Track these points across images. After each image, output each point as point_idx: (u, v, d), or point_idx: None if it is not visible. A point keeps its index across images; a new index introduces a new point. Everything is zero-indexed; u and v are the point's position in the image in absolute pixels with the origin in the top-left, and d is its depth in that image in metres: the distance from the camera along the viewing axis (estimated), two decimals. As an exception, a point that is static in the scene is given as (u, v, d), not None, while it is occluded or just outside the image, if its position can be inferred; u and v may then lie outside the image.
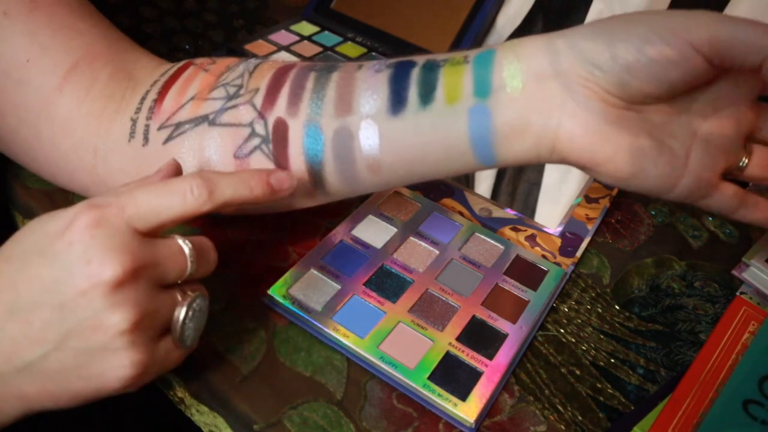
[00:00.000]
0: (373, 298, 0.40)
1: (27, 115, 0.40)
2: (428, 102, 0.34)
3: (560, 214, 0.48)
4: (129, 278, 0.29)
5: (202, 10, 0.69)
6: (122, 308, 0.29)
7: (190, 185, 0.31)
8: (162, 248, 0.31)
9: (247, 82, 0.39)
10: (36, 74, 0.39)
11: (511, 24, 0.60)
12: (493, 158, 0.35)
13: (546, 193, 0.50)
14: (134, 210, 0.30)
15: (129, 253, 0.29)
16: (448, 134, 0.34)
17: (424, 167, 0.36)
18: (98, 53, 0.40)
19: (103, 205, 0.30)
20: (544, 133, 0.33)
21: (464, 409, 0.35)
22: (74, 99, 0.39)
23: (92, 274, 0.28)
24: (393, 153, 0.36)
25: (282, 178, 0.35)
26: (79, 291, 0.29)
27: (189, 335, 0.33)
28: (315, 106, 0.36)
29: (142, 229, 0.30)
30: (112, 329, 0.29)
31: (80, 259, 0.29)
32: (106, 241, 0.29)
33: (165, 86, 0.40)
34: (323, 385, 0.37)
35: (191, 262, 0.32)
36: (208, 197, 0.32)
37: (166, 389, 0.38)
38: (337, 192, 0.38)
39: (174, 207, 0.31)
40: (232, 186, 0.33)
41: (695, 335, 0.42)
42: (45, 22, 0.39)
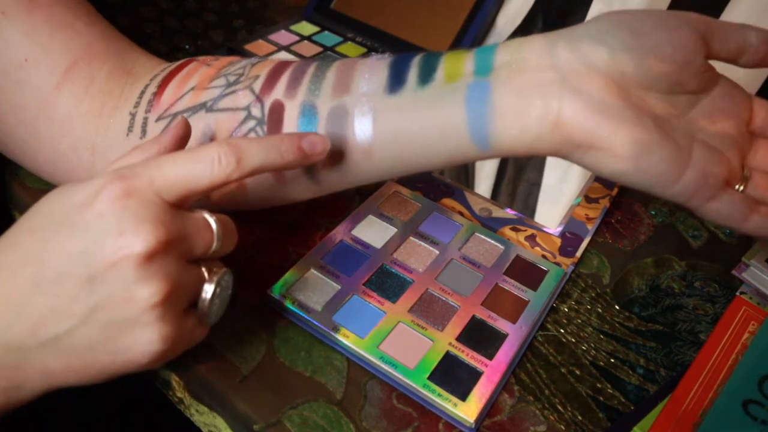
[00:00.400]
0: (373, 298, 0.40)
1: (25, 115, 0.39)
2: (427, 81, 0.34)
3: (560, 214, 0.48)
4: (161, 250, 0.29)
5: (202, 10, 0.69)
6: (153, 281, 0.28)
7: (217, 153, 0.30)
8: (191, 222, 0.31)
9: (248, 71, 0.38)
10: (34, 74, 0.39)
11: (511, 24, 0.60)
12: (488, 138, 0.33)
13: (546, 193, 0.50)
14: (163, 181, 0.30)
15: (161, 225, 0.29)
16: (444, 110, 0.33)
17: (416, 149, 0.34)
18: (97, 52, 0.40)
19: (131, 176, 0.29)
20: (546, 108, 0.31)
21: (464, 409, 0.35)
22: (73, 98, 0.39)
23: (124, 246, 0.28)
24: (385, 133, 0.34)
25: (315, 140, 0.33)
26: (110, 263, 0.28)
27: (215, 311, 0.33)
28: (313, 87, 0.36)
29: (170, 200, 0.30)
30: (142, 302, 0.28)
31: (112, 230, 0.28)
32: (139, 211, 0.28)
33: (165, 80, 0.40)
34: (323, 385, 0.37)
35: (217, 238, 0.32)
36: (237, 165, 0.31)
37: (166, 389, 0.38)
38: (327, 179, 0.37)
39: (202, 177, 0.30)
40: (262, 152, 0.32)
41: (695, 335, 0.42)
42: (43, 22, 0.39)
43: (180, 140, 0.34)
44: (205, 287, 0.32)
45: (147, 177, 0.29)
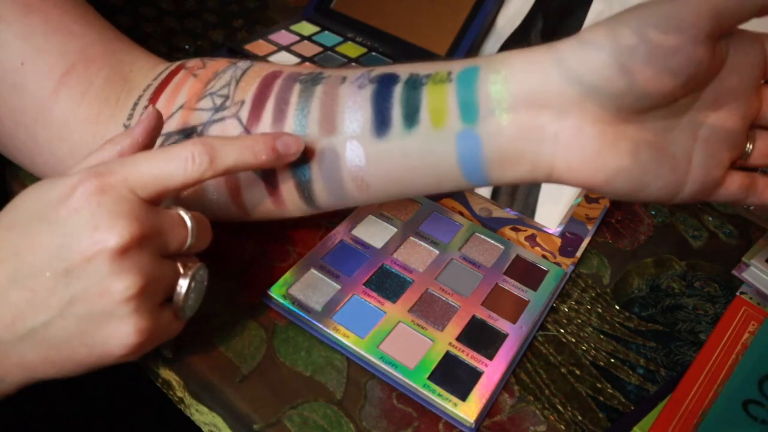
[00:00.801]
0: (373, 298, 0.40)
1: (23, 119, 0.39)
2: (413, 124, 0.33)
3: (560, 214, 0.48)
4: (135, 245, 0.29)
5: (202, 10, 0.69)
6: (128, 274, 0.29)
7: (191, 152, 0.31)
8: (165, 218, 0.31)
9: (233, 92, 0.38)
10: (31, 78, 0.39)
11: (511, 24, 0.60)
12: (486, 181, 0.34)
13: (546, 193, 0.50)
14: (137, 178, 0.30)
15: (135, 220, 0.29)
16: (437, 159, 0.33)
17: (414, 187, 0.36)
18: (94, 56, 0.40)
19: (106, 173, 0.30)
20: (539, 162, 0.32)
21: (464, 409, 0.35)
22: (70, 103, 0.39)
23: (99, 240, 0.28)
24: (380, 173, 0.35)
25: (288, 142, 0.34)
26: (85, 257, 0.28)
27: (190, 305, 0.33)
28: (299, 124, 0.36)
29: (144, 197, 0.30)
30: (117, 295, 0.29)
31: (87, 225, 0.29)
32: (113, 207, 0.29)
33: (156, 92, 0.40)
34: (323, 385, 0.37)
35: (192, 234, 0.32)
36: (210, 164, 0.31)
37: (166, 389, 0.38)
38: (327, 206, 0.38)
39: (176, 175, 0.31)
40: (236, 152, 0.32)
41: (695, 335, 0.42)
42: (39, 26, 0.39)
43: (152, 131, 0.34)
44: (180, 282, 0.32)
45: (122, 174, 0.30)
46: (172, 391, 0.38)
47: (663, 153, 0.32)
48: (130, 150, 0.33)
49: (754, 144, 0.34)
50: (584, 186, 0.33)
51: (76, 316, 0.29)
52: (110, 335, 0.30)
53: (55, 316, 0.29)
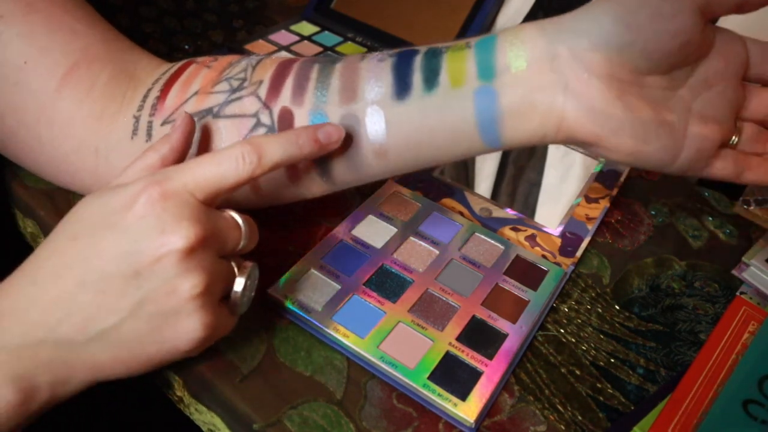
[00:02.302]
0: (373, 298, 0.40)
1: (26, 118, 0.39)
2: (433, 86, 0.35)
3: (560, 214, 0.48)
4: (199, 246, 0.31)
5: (202, 10, 0.69)
6: (194, 273, 0.31)
7: (240, 152, 0.33)
8: (222, 220, 0.33)
9: (250, 75, 0.39)
10: (34, 77, 0.39)
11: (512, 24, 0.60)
12: (499, 140, 0.35)
13: (546, 193, 0.50)
14: (194, 182, 0.32)
15: (198, 222, 0.31)
16: (455, 117, 0.35)
17: (430, 151, 0.36)
18: (97, 55, 0.40)
19: (166, 180, 0.32)
20: (550, 113, 0.33)
21: (464, 408, 0.35)
22: (74, 101, 0.39)
23: (166, 243, 0.30)
24: (399, 138, 0.36)
25: (330, 131, 0.35)
26: (154, 259, 0.30)
27: (245, 302, 0.35)
28: (320, 94, 0.37)
29: (201, 200, 0.32)
30: (185, 293, 0.31)
31: (154, 229, 0.30)
32: (177, 211, 0.31)
33: (167, 83, 0.40)
34: (323, 385, 0.37)
35: (245, 236, 0.34)
36: (259, 161, 0.33)
37: (166, 388, 0.38)
38: (343, 180, 0.39)
39: (229, 175, 0.32)
40: (282, 147, 0.34)
41: (695, 335, 0.42)
42: (42, 24, 0.39)
43: (187, 136, 0.36)
44: (237, 280, 0.34)
45: (180, 180, 0.32)
46: (172, 390, 0.38)
47: (662, 117, 0.34)
48: (170, 154, 0.35)
49: (740, 136, 0.36)
50: (590, 138, 0.34)
51: (147, 316, 0.31)
52: (179, 331, 0.32)
53: (125, 317, 0.31)
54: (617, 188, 0.50)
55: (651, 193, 0.52)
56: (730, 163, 0.36)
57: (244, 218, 0.34)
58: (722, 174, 0.36)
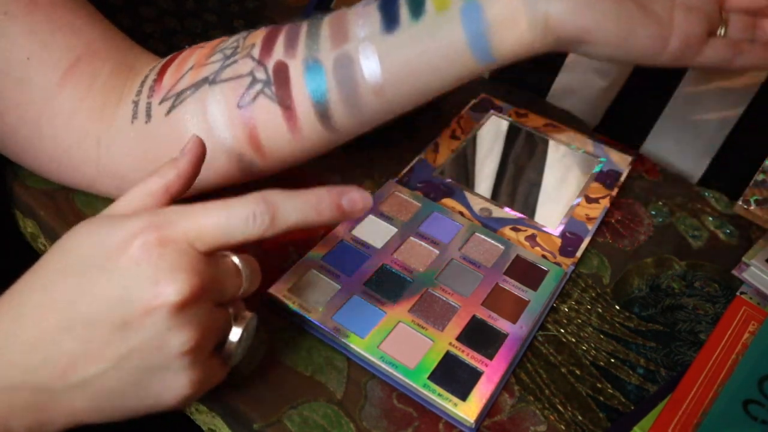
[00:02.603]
0: (373, 298, 0.40)
1: (28, 113, 0.40)
2: (420, 14, 0.36)
3: (560, 214, 0.48)
4: (194, 299, 0.29)
5: (202, 10, 0.69)
6: (186, 329, 0.29)
7: (253, 211, 0.30)
8: (222, 268, 0.31)
9: (242, 42, 0.40)
10: (37, 72, 0.39)
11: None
12: (490, 53, 0.36)
13: (546, 193, 0.50)
14: (196, 232, 0.29)
15: (195, 274, 0.29)
16: (444, 39, 0.36)
17: (425, 79, 0.37)
18: (98, 50, 0.41)
19: (166, 225, 0.29)
20: (535, 15, 0.35)
21: (464, 408, 0.35)
22: (76, 95, 0.40)
23: (160, 294, 0.28)
24: (394, 70, 0.37)
25: (355, 198, 0.32)
26: (145, 310, 0.28)
27: (239, 354, 0.33)
28: (311, 42, 0.38)
29: (202, 251, 0.30)
30: (175, 349, 0.29)
31: (148, 279, 0.28)
32: (174, 261, 0.28)
33: (163, 67, 0.41)
34: (323, 385, 0.37)
35: (246, 280, 0.32)
36: (271, 224, 0.30)
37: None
38: (344, 125, 0.39)
39: (236, 233, 0.30)
40: (298, 211, 0.31)
41: (695, 335, 0.42)
42: (45, 21, 0.39)
43: (196, 162, 0.34)
44: (234, 330, 0.32)
45: (182, 228, 0.29)
46: (172, 391, 0.38)
47: (646, 8, 0.35)
48: (177, 182, 0.33)
49: (727, 26, 0.37)
50: (578, 32, 0.35)
51: (132, 369, 0.29)
52: (164, 388, 0.30)
53: (109, 367, 0.29)
54: (617, 188, 0.50)
55: (651, 193, 0.52)
56: (721, 48, 0.36)
57: (245, 261, 0.32)
58: (714, 59, 0.37)
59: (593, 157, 0.53)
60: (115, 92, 0.40)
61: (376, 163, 0.51)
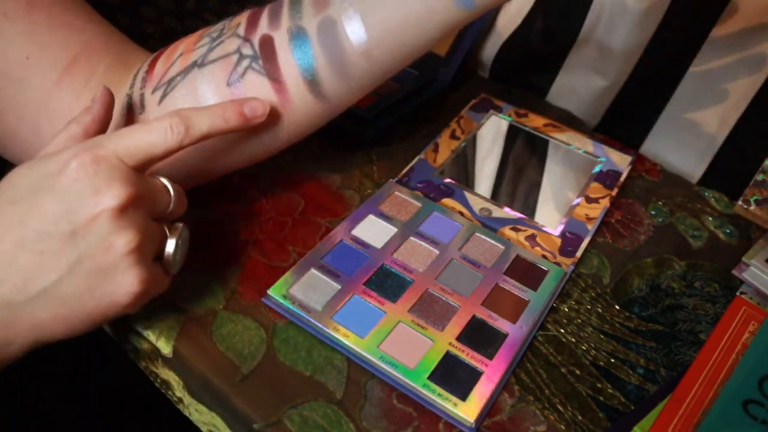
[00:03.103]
0: (373, 298, 0.40)
1: (26, 113, 0.40)
2: None
3: (560, 214, 0.48)
4: (131, 205, 0.32)
5: (202, 10, 0.69)
6: (128, 230, 0.32)
7: (168, 123, 0.34)
8: (152, 184, 0.35)
9: (228, 24, 0.40)
10: (35, 71, 0.39)
11: (512, 23, 0.60)
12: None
13: (546, 193, 0.50)
14: (124, 149, 0.33)
15: (130, 183, 0.33)
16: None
17: (410, 33, 0.37)
18: (95, 48, 0.41)
19: (96, 147, 0.33)
20: None
21: (464, 408, 0.35)
22: (73, 93, 0.40)
23: (100, 202, 0.32)
24: (377, 27, 0.36)
25: (255, 105, 0.37)
26: (89, 218, 0.32)
27: (177, 261, 0.37)
28: (294, 12, 0.38)
29: (132, 165, 0.34)
30: (120, 249, 0.32)
31: (88, 191, 0.32)
32: (108, 174, 0.32)
33: (154, 59, 0.42)
34: (323, 385, 0.37)
35: (174, 200, 0.36)
36: (186, 132, 0.35)
37: (165, 389, 0.38)
38: (334, 92, 0.39)
39: (158, 144, 0.34)
40: (208, 119, 0.36)
41: (695, 335, 0.42)
42: (43, 21, 0.40)
43: (107, 108, 0.37)
44: (169, 241, 0.36)
45: (110, 147, 0.33)
46: (171, 391, 0.38)
47: None
48: (92, 125, 0.36)
49: None
50: None
51: (85, 272, 0.32)
52: (116, 286, 0.33)
53: (64, 274, 0.32)
54: (617, 188, 0.50)
55: (651, 193, 0.52)
56: None
57: (173, 184, 0.36)
58: None
59: (593, 157, 0.53)
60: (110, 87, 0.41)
61: (376, 163, 0.51)
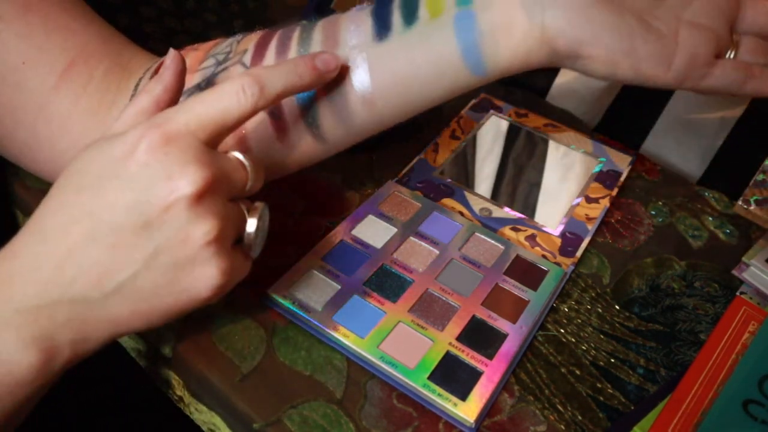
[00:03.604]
0: (373, 298, 0.40)
1: (24, 117, 0.40)
2: (412, 21, 0.35)
3: (560, 214, 0.48)
4: (208, 190, 0.30)
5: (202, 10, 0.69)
6: (206, 219, 0.30)
7: (241, 84, 0.31)
8: (227, 161, 0.32)
9: (235, 47, 0.39)
10: (32, 76, 0.39)
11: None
12: (484, 64, 0.35)
13: (546, 193, 0.50)
14: (196, 121, 0.31)
15: (205, 165, 0.30)
16: (437, 47, 0.34)
17: (417, 90, 0.36)
18: (93, 51, 0.40)
19: (165, 122, 0.30)
20: (531, 25, 0.33)
21: (464, 408, 0.35)
22: (71, 97, 0.39)
23: (174, 189, 0.29)
24: (384, 79, 0.36)
25: (326, 58, 0.35)
26: (163, 207, 0.29)
27: (259, 243, 0.35)
28: (302, 48, 0.37)
29: (204, 140, 0.31)
30: (199, 240, 0.30)
31: (160, 177, 0.29)
32: (181, 156, 0.30)
33: (156, 69, 0.40)
34: (323, 385, 0.37)
35: (251, 175, 0.33)
36: (261, 92, 0.32)
37: (165, 388, 0.38)
38: (333, 134, 0.38)
39: (231, 109, 0.31)
40: (283, 77, 0.33)
41: (695, 335, 0.42)
42: (39, 24, 0.39)
43: (179, 74, 0.35)
44: (249, 222, 0.33)
45: (181, 121, 0.30)
46: (172, 390, 0.38)
47: (648, 24, 0.33)
48: (164, 95, 0.34)
49: (737, 49, 0.35)
50: (574, 46, 0.33)
51: (162, 266, 0.30)
52: (196, 280, 0.31)
53: (140, 269, 0.30)
54: (617, 188, 0.50)
55: (651, 193, 0.52)
56: (730, 69, 0.34)
57: (248, 157, 0.33)
58: (723, 83, 0.34)
59: (593, 157, 0.53)
60: (109, 94, 0.40)
61: (376, 163, 0.51)
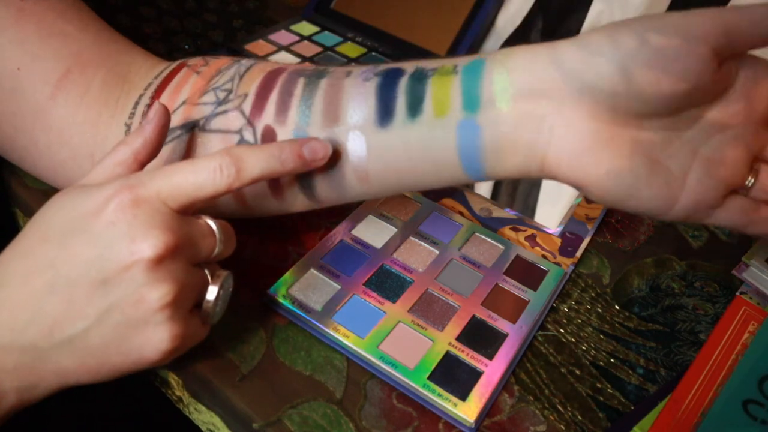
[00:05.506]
0: (373, 298, 0.40)
1: (23, 124, 0.39)
2: (416, 114, 0.33)
3: (560, 214, 0.48)
4: (169, 254, 0.30)
5: (202, 10, 0.69)
6: (163, 283, 0.30)
7: (219, 163, 0.32)
8: (196, 227, 0.32)
9: (237, 86, 0.38)
10: (27, 83, 0.38)
11: (512, 24, 0.60)
12: (483, 172, 0.34)
13: (546, 193, 0.50)
14: (168, 190, 0.31)
15: (169, 231, 0.30)
16: (437, 147, 0.34)
17: (412, 178, 0.35)
18: (90, 58, 0.40)
19: (138, 185, 0.31)
20: (533, 152, 0.32)
21: (464, 408, 0.35)
22: (68, 107, 0.39)
23: (136, 251, 0.30)
24: (381, 164, 0.35)
25: (315, 147, 0.34)
26: (123, 267, 0.30)
27: (218, 312, 0.35)
28: (303, 114, 0.36)
29: (175, 208, 0.31)
30: (153, 303, 0.30)
31: (124, 237, 0.30)
32: (148, 219, 0.30)
33: (158, 90, 0.40)
34: (323, 385, 0.37)
35: (220, 242, 0.33)
36: (237, 175, 0.32)
37: (165, 388, 0.38)
38: (326, 199, 0.38)
39: (205, 186, 0.32)
40: (262, 161, 0.33)
41: (695, 335, 0.42)
42: (33, 30, 0.38)
43: (162, 129, 0.35)
44: (210, 289, 0.33)
45: (154, 187, 0.31)
46: (171, 390, 0.38)
47: (658, 164, 0.31)
48: (143, 149, 0.34)
49: (756, 177, 0.33)
50: (573, 183, 0.33)
51: (113, 324, 0.30)
52: (146, 342, 0.31)
53: (92, 324, 0.30)
54: (617, 188, 0.50)
55: (651, 193, 0.52)
56: (736, 214, 0.33)
57: (219, 224, 0.33)
58: (725, 223, 0.33)
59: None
60: (108, 106, 0.39)
61: (376, 163, 0.51)
